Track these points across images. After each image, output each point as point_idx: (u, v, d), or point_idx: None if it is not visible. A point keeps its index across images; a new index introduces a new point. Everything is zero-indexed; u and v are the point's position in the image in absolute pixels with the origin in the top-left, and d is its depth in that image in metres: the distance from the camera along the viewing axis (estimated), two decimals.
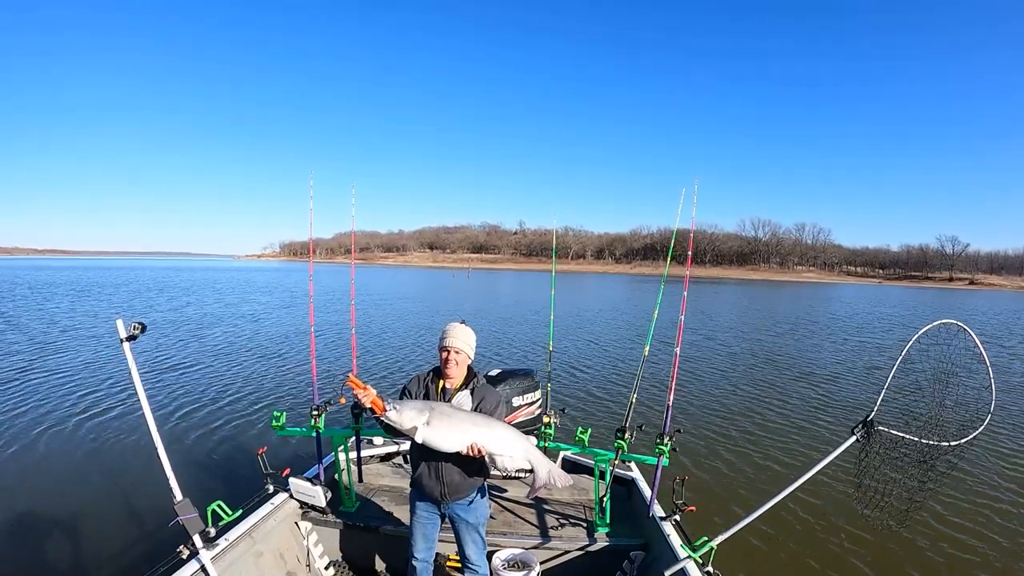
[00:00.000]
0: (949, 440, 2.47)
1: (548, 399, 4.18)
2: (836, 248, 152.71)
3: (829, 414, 8.22)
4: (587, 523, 3.36)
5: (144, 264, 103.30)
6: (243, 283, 41.56)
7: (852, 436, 2.54)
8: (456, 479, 2.42)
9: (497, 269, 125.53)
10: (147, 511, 4.60)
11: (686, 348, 13.43)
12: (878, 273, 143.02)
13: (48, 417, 6.95)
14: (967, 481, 5.58)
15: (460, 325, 2.53)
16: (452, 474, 2.40)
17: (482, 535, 2.58)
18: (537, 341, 14.55)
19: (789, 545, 4.33)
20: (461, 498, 2.46)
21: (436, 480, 2.40)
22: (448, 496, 2.43)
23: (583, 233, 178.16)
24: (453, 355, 2.44)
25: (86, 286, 33.23)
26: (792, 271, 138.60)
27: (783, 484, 2.65)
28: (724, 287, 62.02)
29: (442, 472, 2.39)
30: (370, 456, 4.24)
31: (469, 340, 2.50)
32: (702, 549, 2.59)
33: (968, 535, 4.56)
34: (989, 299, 55.23)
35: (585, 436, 3.36)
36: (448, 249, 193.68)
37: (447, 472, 2.39)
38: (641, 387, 3.56)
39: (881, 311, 31.22)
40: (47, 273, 50.02)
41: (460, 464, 2.39)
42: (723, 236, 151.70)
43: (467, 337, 2.49)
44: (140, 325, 2.49)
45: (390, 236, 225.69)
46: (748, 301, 37.59)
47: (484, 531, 2.60)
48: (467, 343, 2.48)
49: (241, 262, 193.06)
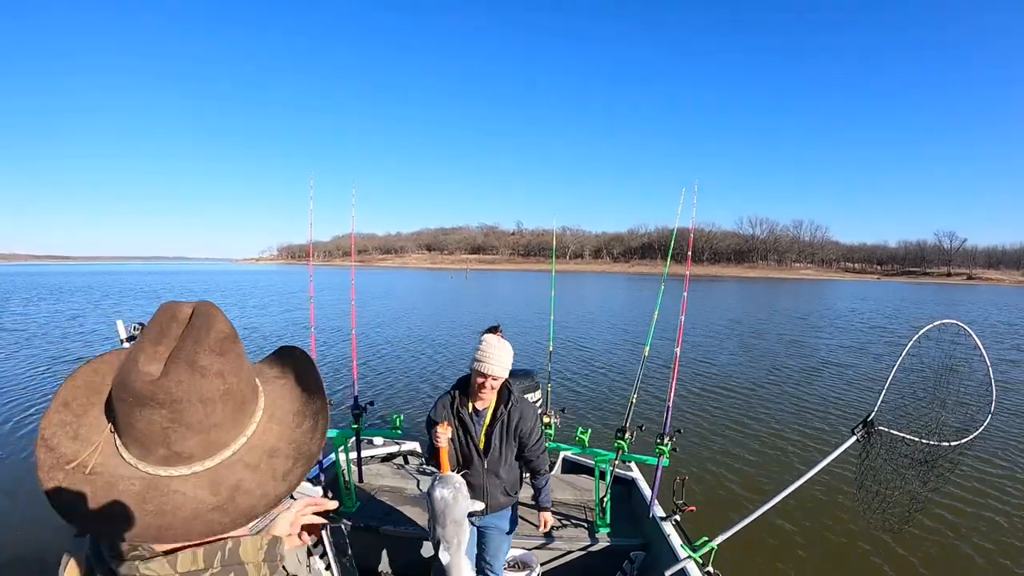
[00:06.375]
0: (950, 440, 2.46)
1: (548, 399, 4.18)
2: (833, 245, 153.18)
3: (829, 414, 8.22)
4: (587, 523, 3.35)
5: (142, 269, 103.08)
6: (243, 285, 41.48)
7: (852, 436, 2.53)
8: (500, 499, 2.31)
9: (495, 270, 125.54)
10: None
11: (686, 348, 13.42)
12: (876, 269, 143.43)
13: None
14: (968, 481, 5.58)
15: (499, 343, 2.20)
16: (496, 494, 2.29)
17: (509, 541, 2.49)
18: (537, 341, 14.53)
19: (789, 545, 4.33)
20: (499, 511, 2.37)
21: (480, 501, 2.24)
22: (489, 512, 2.33)
23: (581, 233, 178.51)
24: (490, 383, 2.18)
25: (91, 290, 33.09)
26: (790, 268, 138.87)
27: (784, 484, 2.64)
28: (722, 285, 62.08)
29: (487, 497, 2.27)
30: (370, 456, 4.23)
31: (508, 362, 2.21)
32: (702, 549, 2.58)
33: (969, 535, 4.56)
34: (991, 294, 55.31)
35: (585, 436, 3.35)
36: (446, 250, 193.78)
37: (492, 494, 2.28)
38: (641, 387, 3.55)
39: (880, 308, 31.26)
40: (47, 279, 49.81)
41: (503, 484, 2.29)
42: (720, 234, 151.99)
43: (507, 360, 2.20)
44: (141, 326, 2.47)
45: (388, 238, 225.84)
46: (747, 299, 37.62)
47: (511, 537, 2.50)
48: (506, 367, 2.20)
49: (239, 266, 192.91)
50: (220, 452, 0.60)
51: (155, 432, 0.57)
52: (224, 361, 0.60)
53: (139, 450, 0.58)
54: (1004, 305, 36.50)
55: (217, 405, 0.59)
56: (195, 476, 0.58)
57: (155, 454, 0.58)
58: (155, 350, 0.58)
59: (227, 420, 0.60)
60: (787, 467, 5.98)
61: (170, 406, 0.56)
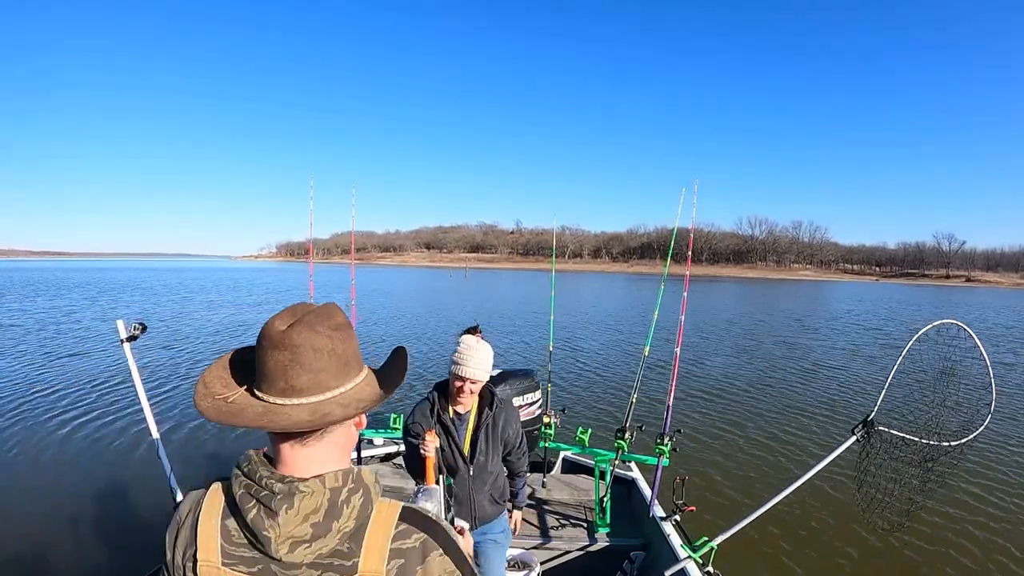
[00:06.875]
0: (950, 440, 2.47)
1: (548, 399, 4.18)
2: (833, 246, 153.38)
3: (829, 414, 8.24)
4: (587, 523, 3.35)
5: (142, 265, 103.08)
6: (242, 283, 41.45)
7: (852, 436, 2.53)
8: (488, 510, 2.23)
9: (494, 269, 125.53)
10: (146, 511, 4.59)
11: (686, 348, 13.45)
12: (875, 271, 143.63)
13: (46, 417, 6.92)
14: (968, 481, 5.59)
15: (476, 344, 2.06)
16: (484, 506, 2.21)
17: (505, 550, 2.37)
18: (537, 341, 14.55)
19: (789, 545, 4.33)
20: (489, 521, 2.27)
21: (468, 517, 2.18)
22: (478, 524, 2.22)
23: (580, 232, 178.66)
24: (469, 386, 2.05)
25: (95, 288, 33.07)
26: (789, 269, 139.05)
27: (783, 484, 2.65)
28: (721, 285, 62.15)
29: (474, 507, 2.18)
30: (370, 456, 4.23)
31: (487, 365, 2.06)
32: (702, 549, 2.59)
33: (969, 536, 4.57)
34: (989, 296, 55.43)
35: (585, 436, 3.36)
36: (445, 249, 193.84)
37: (479, 507, 2.19)
38: (641, 387, 3.56)
39: (877, 309, 31.32)
40: (44, 274, 49.75)
41: (491, 491, 2.22)
42: (719, 234, 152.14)
43: (485, 362, 2.06)
44: (141, 326, 2.47)
45: (387, 236, 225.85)
46: (746, 300, 37.67)
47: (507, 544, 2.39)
48: (486, 370, 2.06)
49: (238, 263, 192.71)
50: (323, 392, 0.82)
51: (278, 369, 0.80)
52: (335, 333, 0.84)
53: (265, 384, 0.82)
54: (1002, 308, 36.57)
55: (325, 356, 0.82)
56: (300, 406, 0.81)
57: (276, 387, 0.81)
58: (287, 318, 0.83)
59: (331, 369, 0.83)
60: (787, 467, 5.99)
61: (291, 349, 0.79)
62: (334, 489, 0.79)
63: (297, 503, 0.77)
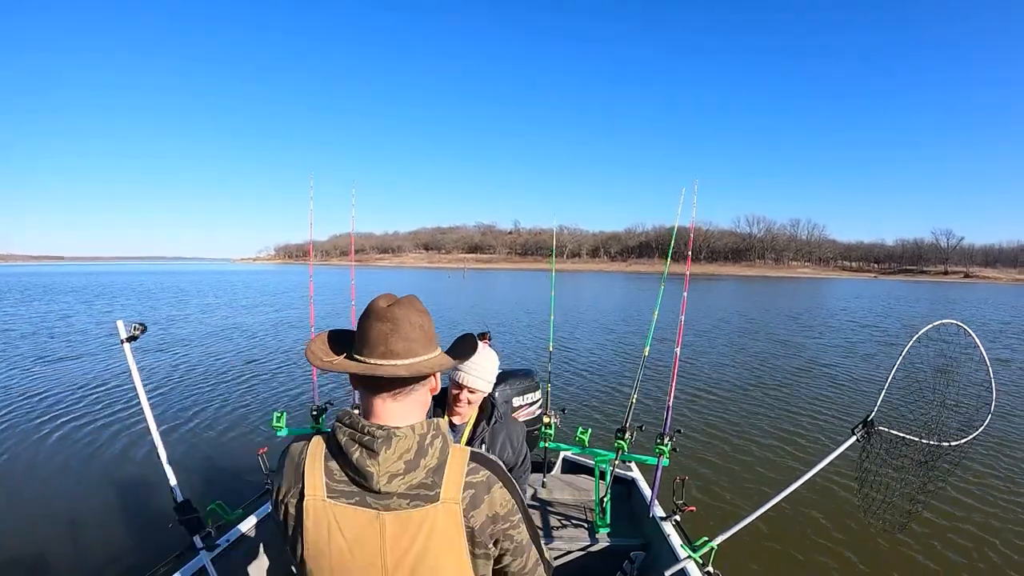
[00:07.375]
0: (950, 440, 2.47)
1: (548, 399, 4.17)
2: (831, 243, 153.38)
3: (830, 414, 8.24)
4: (587, 523, 3.35)
5: (141, 269, 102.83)
6: (242, 286, 41.36)
7: (852, 436, 2.53)
8: None
9: (493, 269, 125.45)
10: (147, 511, 4.58)
11: (686, 348, 13.46)
12: (873, 267, 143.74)
13: (45, 419, 6.90)
14: (968, 481, 5.59)
15: (482, 351, 1.83)
16: None
17: None
18: (537, 341, 14.54)
19: (790, 545, 4.33)
20: None
21: None
22: None
23: (578, 232, 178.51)
24: (467, 395, 1.86)
25: (95, 293, 32.96)
26: (787, 267, 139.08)
27: (783, 484, 2.65)
28: (721, 284, 62.17)
29: None
30: None
31: (489, 375, 1.87)
32: (702, 549, 2.59)
33: (970, 536, 4.57)
34: (988, 292, 55.49)
35: (585, 436, 3.35)
36: (443, 249, 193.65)
37: None
38: (641, 387, 3.56)
39: (874, 306, 31.35)
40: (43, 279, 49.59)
41: None
42: (718, 233, 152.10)
43: (489, 371, 1.87)
44: (141, 326, 2.45)
45: (385, 237, 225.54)
46: (746, 298, 37.68)
47: None
48: (488, 380, 1.87)
49: (237, 265, 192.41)
50: (414, 356, 1.03)
51: (380, 336, 1.01)
52: (423, 313, 1.07)
53: (367, 350, 1.02)
54: (1000, 304, 36.60)
55: (417, 329, 1.03)
56: (396, 366, 1.01)
57: (377, 351, 1.01)
58: (389, 299, 1.06)
59: (421, 340, 1.04)
60: (787, 467, 5.98)
61: (392, 320, 1.01)
62: (421, 435, 1.00)
63: (394, 444, 0.97)
